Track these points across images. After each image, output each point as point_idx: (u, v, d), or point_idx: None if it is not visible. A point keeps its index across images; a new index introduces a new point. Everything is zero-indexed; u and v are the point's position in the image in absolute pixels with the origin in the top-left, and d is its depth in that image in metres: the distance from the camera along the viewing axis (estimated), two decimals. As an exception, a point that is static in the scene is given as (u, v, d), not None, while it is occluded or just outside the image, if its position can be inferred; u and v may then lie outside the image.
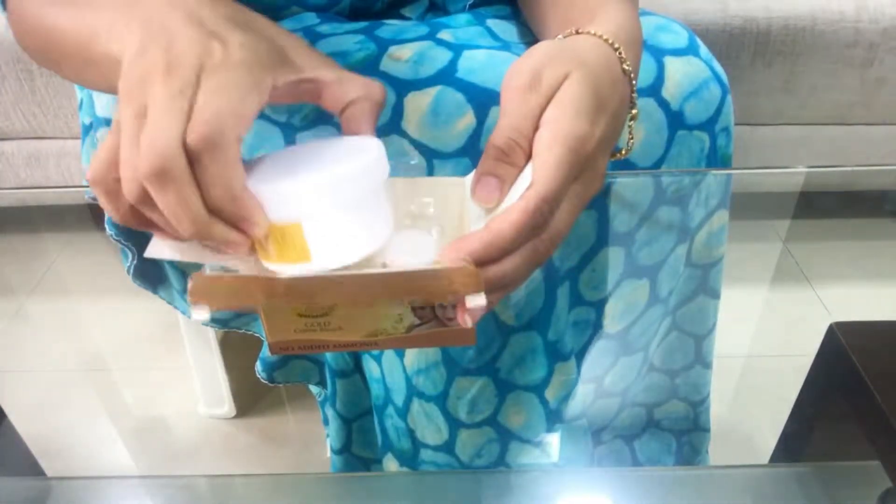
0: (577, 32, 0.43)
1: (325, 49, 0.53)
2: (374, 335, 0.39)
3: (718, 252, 0.63)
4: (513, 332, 0.53)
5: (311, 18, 0.57)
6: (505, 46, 0.52)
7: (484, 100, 0.48)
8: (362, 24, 0.56)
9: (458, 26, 0.55)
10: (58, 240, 1.44)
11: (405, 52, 0.51)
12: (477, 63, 0.50)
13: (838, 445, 0.71)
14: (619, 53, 0.42)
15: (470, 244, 0.35)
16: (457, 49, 0.51)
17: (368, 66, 0.51)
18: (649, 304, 0.60)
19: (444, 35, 0.53)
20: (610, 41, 0.42)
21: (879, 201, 1.39)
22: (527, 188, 0.36)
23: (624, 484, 0.63)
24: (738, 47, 1.14)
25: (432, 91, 0.49)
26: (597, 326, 0.59)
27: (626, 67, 0.42)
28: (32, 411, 1.08)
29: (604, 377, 0.63)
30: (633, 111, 0.44)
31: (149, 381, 1.15)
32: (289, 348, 0.40)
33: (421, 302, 0.37)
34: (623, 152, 0.44)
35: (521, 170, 0.38)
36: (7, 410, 0.74)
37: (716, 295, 0.66)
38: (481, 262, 0.35)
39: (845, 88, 1.19)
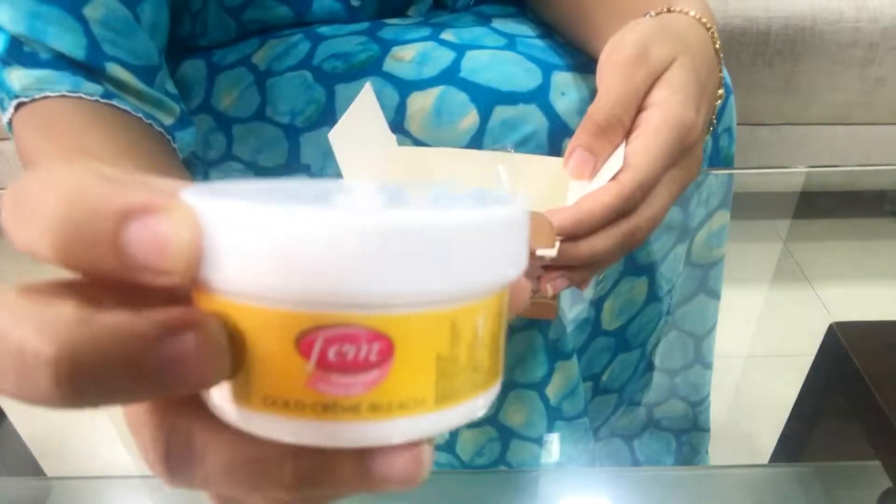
0: (669, 10, 0.42)
1: (327, 50, 0.53)
2: None
3: (718, 252, 0.63)
4: (514, 330, 0.53)
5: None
6: (510, 45, 0.52)
7: (487, 99, 0.48)
8: (364, 25, 0.56)
9: (463, 26, 0.55)
10: (58, 239, 1.44)
11: (408, 52, 0.51)
12: (480, 63, 0.50)
13: (838, 445, 0.71)
14: (712, 34, 0.41)
15: (558, 218, 0.35)
16: (460, 49, 0.51)
17: (371, 67, 0.51)
18: (647, 301, 0.60)
19: (447, 35, 0.53)
20: (704, 21, 0.41)
21: (879, 201, 1.39)
22: (621, 169, 0.36)
23: (624, 484, 0.62)
24: (738, 47, 1.15)
25: (435, 91, 0.49)
26: (596, 324, 0.59)
27: (717, 47, 0.42)
28: (32, 411, 1.07)
29: (602, 374, 0.63)
30: (720, 91, 0.44)
31: (149, 380, 1.15)
32: None
33: None
34: (708, 131, 0.44)
35: (617, 147, 0.38)
36: (7, 410, 0.74)
37: (716, 295, 0.66)
38: (569, 236, 0.36)
39: (845, 88, 1.19)
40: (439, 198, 0.17)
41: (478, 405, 0.17)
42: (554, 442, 0.61)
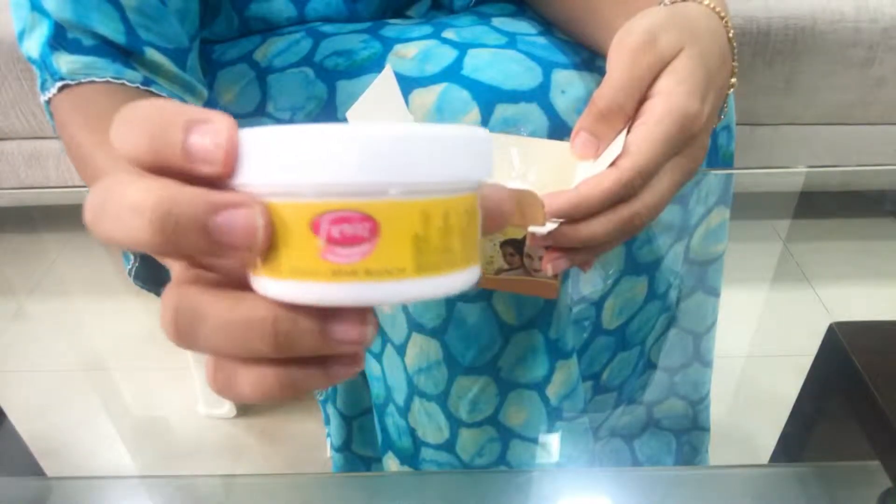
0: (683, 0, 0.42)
1: (330, 48, 0.53)
2: None
3: (717, 249, 0.63)
4: (514, 330, 0.53)
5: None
6: (511, 43, 0.52)
7: (489, 97, 0.48)
8: (366, 24, 0.56)
9: (463, 25, 0.55)
10: (58, 240, 1.44)
11: (411, 49, 0.51)
12: (482, 61, 0.50)
13: (838, 445, 0.71)
14: (726, 23, 0.42)
15: (557, 201, 0.36)
16: (462, 47, 0.51)
17: (374, 64, 0.51)
18: (647, 299, 0.60)
19: (449, 34, 0.53)
20: (718, 10, 0.42)
21: (879, 201, 1.39)
22: (621, 156, 0.36)
23: (624, 484, 0.62)
24: (738, 47, 1.14)
25: (437, 88, 0.49)
26: (597, 323, 0.59)
27: (731, 36, 0.42)
28: (32, 411, 1.07)
29: (602, 372, 0.63)
30: (733, 80, 0.44)
31: (149, 381, 1.15)
32: None
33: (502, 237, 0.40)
34: (718, 119, 0.44)
35: (620, 131, 0.38)
36: (7, 410, 0.74)
37: (715, 293, 0.66)
38: (568, 219, 0.37)
39: (845, 88, 1.19)
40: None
41: (455, 281, 0.22)
42: (554, 442, 0.61)
